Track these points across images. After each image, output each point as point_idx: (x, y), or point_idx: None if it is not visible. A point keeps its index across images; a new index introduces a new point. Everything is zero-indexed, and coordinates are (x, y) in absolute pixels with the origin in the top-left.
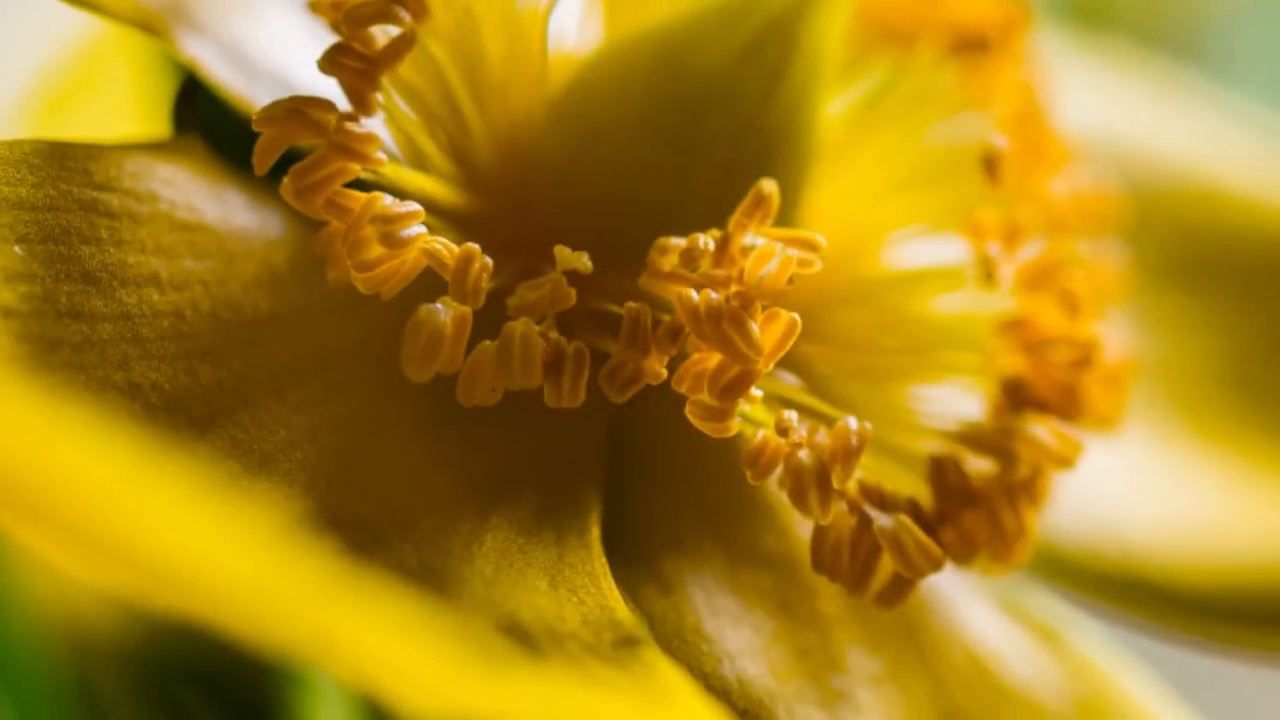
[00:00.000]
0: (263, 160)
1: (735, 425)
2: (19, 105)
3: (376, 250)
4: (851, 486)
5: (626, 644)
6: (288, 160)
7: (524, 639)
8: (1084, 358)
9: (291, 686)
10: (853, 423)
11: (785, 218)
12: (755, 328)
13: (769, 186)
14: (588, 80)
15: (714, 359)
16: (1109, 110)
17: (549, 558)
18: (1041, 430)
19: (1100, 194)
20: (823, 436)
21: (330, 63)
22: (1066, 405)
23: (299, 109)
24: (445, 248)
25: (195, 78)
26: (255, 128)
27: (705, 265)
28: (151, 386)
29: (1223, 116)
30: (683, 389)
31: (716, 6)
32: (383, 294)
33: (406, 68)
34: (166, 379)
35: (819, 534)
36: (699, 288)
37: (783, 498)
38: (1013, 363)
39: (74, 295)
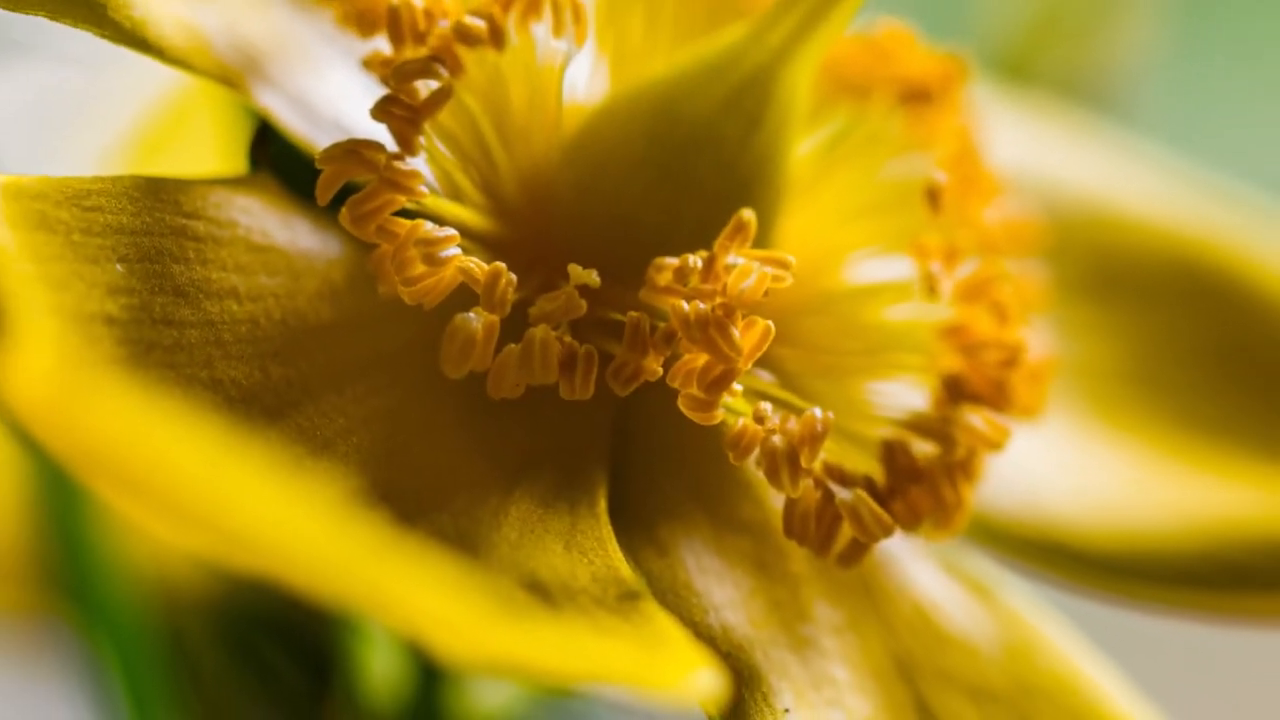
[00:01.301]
0: (324, 193)
1: (719, 414)
2: (122, 146)
3: (419, 268)
4: (817, 466)
5: (629, 598)
6: (345, 193)
7: (543, 594)
8: (1011, 358)
9: (348, 634)
10: (818, 412)
11: (761, 241)
12: (736, 333)
13: (748, 214)
14: (596, 126)
15: (702, 359)
16: (1033, 151)
17: (564, 525)
18: (976, 419)
19: (1025, 221)
20: (793, 424)
21: (381, 111)
22: (997, 398)
23: (355, 150)
24: (477, 266)
25: (268, 124)
26: (318, 165)
27: (694, 281)
28: (231, 382)
29: (1128, 157)
30: (676, 384)
31: (702, 64)
32: (424, 305)
33: (445, 115)
34: (244, 376)
35: (789, 505)
36: (689, 299)
37: (759, 475)
38: (952, 362)
39: (166, 306)
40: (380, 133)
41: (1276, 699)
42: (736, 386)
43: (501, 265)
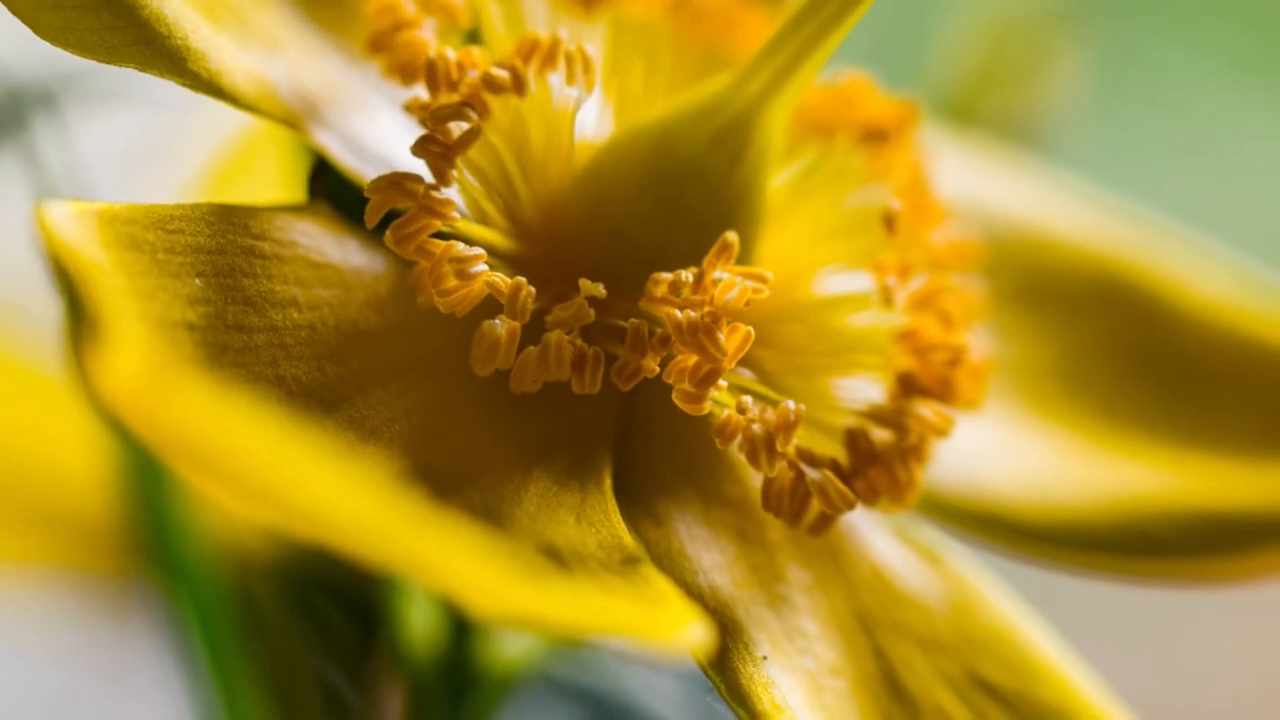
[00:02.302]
0: (371, 218)
1: (708, 406)
2: (200, 178)
3: (452, 282)
4: (790, 450)
5: (630, 562)
6: (390, 217)
7: (557, 559)
8: (956, 358)
9: (393, 593)
10: (791, 405)
11: (744, 258)
12: (722, 337)
13: (732, 236)
14: (602, 161)
15: (693, 359)
16: (974, 182)
17: (575, 501)
18: (926, 410)
19: (967, 242)
20: (770, 414)
21: (419, 148)
22: (944, 392)
23: (397, 181)
24: (501, 280)
25: (324, 160)
26: (366, 194)
27: (686, 293)
28: (293, 379)
29: (1056, 188)
30: (670, 381)
31: (693, 109)
32: (457, 313)
33: (474, 152)
34: (303, 374)
35: (767, 484)
36: (682, 308)
37: (741, 458)
38: (905, 362)
39: (237, 314)
40: (419, 167)
41: (1182, 648)
42: (722, 383)
43: (522, 279)
